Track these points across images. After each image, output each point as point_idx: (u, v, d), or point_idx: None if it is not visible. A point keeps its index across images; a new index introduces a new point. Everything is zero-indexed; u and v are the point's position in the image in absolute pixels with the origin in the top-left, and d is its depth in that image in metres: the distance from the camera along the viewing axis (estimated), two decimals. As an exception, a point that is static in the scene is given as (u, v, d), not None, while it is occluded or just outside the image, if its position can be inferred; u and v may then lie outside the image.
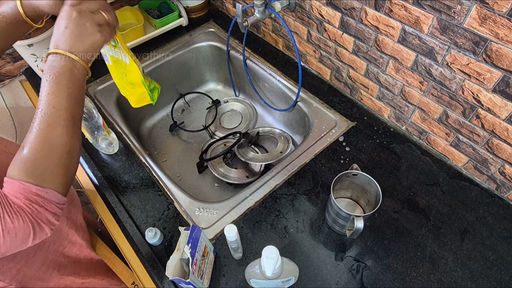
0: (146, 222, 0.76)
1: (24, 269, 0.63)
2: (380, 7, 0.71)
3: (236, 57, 1.13)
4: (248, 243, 0.72)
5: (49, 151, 0.48)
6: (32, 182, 0.47)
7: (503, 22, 0.55)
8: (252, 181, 0.95)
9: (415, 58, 0.72)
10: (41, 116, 0.49)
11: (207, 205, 0.78)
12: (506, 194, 0.75)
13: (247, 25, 0.85)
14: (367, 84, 0.89)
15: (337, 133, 0.89)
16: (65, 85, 0.50)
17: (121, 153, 0.90)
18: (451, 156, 0.81)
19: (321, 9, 0.85)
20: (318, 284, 0.66)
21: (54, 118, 0.49)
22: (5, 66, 1.11)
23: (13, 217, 0.45)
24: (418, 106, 0.80)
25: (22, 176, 0.46)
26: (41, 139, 0.48)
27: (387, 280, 0.66)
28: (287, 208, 0.76)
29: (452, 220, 0.73)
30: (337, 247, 0.71)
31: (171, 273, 0.54)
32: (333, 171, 0.82)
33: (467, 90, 0.67)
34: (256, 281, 0.61)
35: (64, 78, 0.50)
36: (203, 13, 1.28)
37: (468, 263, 0.67)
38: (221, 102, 1.23)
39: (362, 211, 0.77)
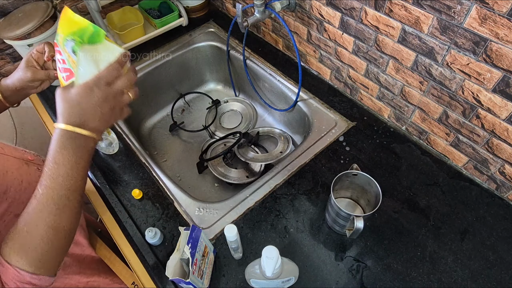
0: (146, 222, 0.76)
1: None
2: (380, 7, 0.71)
3: (236, 57, 1.13)
4: (248, 243, 0.72)
5: (53, 236, 0.46)
6: (28, 270, 0.45)
7: (503, 22, 0.55)
8: (252, 181, 0.95)
9: (415, 58, 0.72)
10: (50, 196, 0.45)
11: (207, 205, 0.78)
12: (506, 194, 0.75)
13: (247, 25, 0.85)
14: (367, 84, 0.89)
15: (337, 133, 0.89)
16: (83, 166, 0.47)
17: (121, 153, 0.90)
18: (451, 156, 0.81)
19: (321, 9, 0.85)
20: (318, 284, 0.66)
21: (66, 201, 0.46)
22: (5, 66, 1.11)
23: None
24: (418, 106, 0.80)
25: (17, 262, 0.45)
26: (47, 222, 0.45)
27: (387, 280, 0.66)
28: (287, 208, 0.76)
29: (452, 220, 0.73)
30: (337, 247, 0.71)
31: (171, 273, 0.54)
32: (333, 171, 0.82)
33: (467, 90, 0.67)
34: (256, 281, 0.61)
35: (84, 159, 0.47)
36: (203, 13, 1.28)
37: (468, 263, 0.67)
38: (221, 102, 1.23)
39: (362, 211, 0.77)
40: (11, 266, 0.44)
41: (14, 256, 0.45)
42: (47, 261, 0.47)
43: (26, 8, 0.97)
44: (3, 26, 0.93)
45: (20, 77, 0.60)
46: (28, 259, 0.45)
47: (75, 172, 0.46)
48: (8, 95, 0.60)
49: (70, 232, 0.49)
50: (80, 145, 0.46)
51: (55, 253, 0.48)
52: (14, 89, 0.61)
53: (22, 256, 0.45)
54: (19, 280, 0.45)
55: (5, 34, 0.91)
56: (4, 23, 0.94)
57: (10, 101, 0.62)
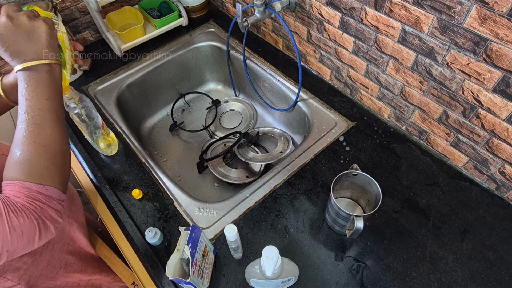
0: (146, 222, 0.76)
1: (31, 268, 0.64)
2: (380, 7, 0.71)
3: (236, 57, 1.13)
4: (248, 243, 0.72)
5: (43, 151, 0.49)
6: (32, 181, 0.47)
7: (503, 22, 0.55)
8: (252, 181, 0.95)
9: (415, 58, 0.72)
10: (27, 118, 0.49)
11: (207, 205, 0.78)
12: (506, 194, 0.75)
13: (247, 25, 0.85)
14: (367, 84, 0.89)
15: (337, 133, 0.89)
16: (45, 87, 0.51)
17: (121, 153, 0.90)
18: (451, 156, 0.81)
19: (321, 9, 0.85)
20: (318, 284, 0.66)
21: (41, 119, 0.50)
22: (5, 66, 1.11)
23: (18, 215, 0.45)
24: (418, 106, 0.80)
25: (20, 176, 0.47)
26: (33, 140, 0.49)
27: (387, 280, 0.66)
28: (287, 208, 0.76)
29: (452, 220, 0.73)
30: (337, 247, 0.71)
31: (171, 273, 0.54)
32: (333, 171, 0.82)
33: (467, 90, 0.67)
34: (256, 281, 0.61)
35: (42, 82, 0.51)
36: (203, 13, 1.28)
37: (468, 263, 0.67)
38: (221, 102, 1.23)
39: (362, 211, 0.77)
40: (15, 181, 0.47)
41: (15, 173, 0.48)
42: (48, 174, 0.49)
43: (26, 8, 0.97)
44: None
45: None
46: (29, 173, 0.48)
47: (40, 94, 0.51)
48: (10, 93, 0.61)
49: (62, 150, 0.52)
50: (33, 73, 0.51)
51: (54, 168, 0.50)
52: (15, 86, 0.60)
53: (23, 172, 0.48)
54: (26, 190, 0.47)
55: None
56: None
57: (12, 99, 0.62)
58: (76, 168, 0.89)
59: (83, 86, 1.05)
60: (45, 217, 0.48)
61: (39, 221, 0.47)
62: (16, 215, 0.45)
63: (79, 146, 0.90)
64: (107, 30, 1.10)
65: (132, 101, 1.11)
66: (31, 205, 0.47)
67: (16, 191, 0.47)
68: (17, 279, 0.62)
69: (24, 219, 0.45)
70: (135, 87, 1.09)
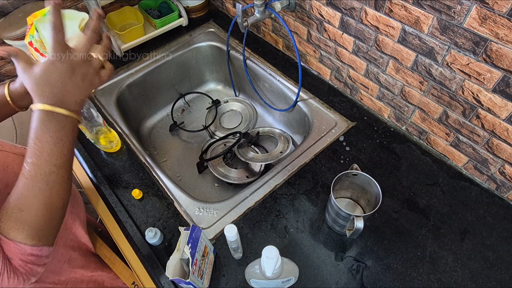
0: (146, 222, 0.76)
1: None
2: (380, 7, 0.71)
3: (236, 57, 1.13)
4: (248, 243, 0.72)
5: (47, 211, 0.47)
6: (28, 243, 0.46)
7: (503, 22, 0.55)
8: (252, 181, 0.95)
9: (415, 58, 0.72)
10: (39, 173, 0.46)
11: (207, 205, 0.78)
12: (506, 194, 0.75)
13: (247, 25, 0.85)
14: (367, 84, 0.89)
15: (337, 133, 0.89)
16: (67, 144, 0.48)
17: (121, 153, 0.90)
18: (451, 156, 0.81)
19: (321, 9, 0.85)
20: (318, 284, 0.66)
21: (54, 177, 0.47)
22: (5, 66, 1.11)
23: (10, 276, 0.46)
24: (418, 106, 0.80)
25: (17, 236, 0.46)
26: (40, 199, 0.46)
27: (387, 280, 0.66)
28: (287, 208, 0.76)
29: (452, 220, 0.73)
30: (337, 247, 0.71)
31: (171, 273, 0.54)
32: (333, 171, 0.82)
33: (467, 90, 0.67)
34: (256, 281, 0.61)
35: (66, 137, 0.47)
36: (203, 13, 1.28)
37: (468, 263, 0.67)
38: (221, 102, 1.23)
39: (362, 211, 0.77)
40: (11, 241, 0.45)
41: (12, 232, 0.46)
42: (44, 234, 0.48)
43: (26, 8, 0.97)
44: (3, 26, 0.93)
45: None
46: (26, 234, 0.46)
47: (59, 149, 0.46)
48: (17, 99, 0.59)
49: (63, 206, 0.50)
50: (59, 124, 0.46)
51: (50, 227, 0.49)
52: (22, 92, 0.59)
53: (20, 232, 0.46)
54: (21, 253, 0.46)
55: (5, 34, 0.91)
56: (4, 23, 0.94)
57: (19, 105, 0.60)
58: (76, 168, 0.89)
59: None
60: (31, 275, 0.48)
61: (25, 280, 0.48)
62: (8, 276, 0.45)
63: (79, 146, 0.90)
64: (107, 30, 1.10)
65: (132, 101, 1.11)
66: (23, 268, 0.47)
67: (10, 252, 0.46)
68: None
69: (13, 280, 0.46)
70: (135, 87, 1.09)
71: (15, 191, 0.47)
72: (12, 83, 0.59)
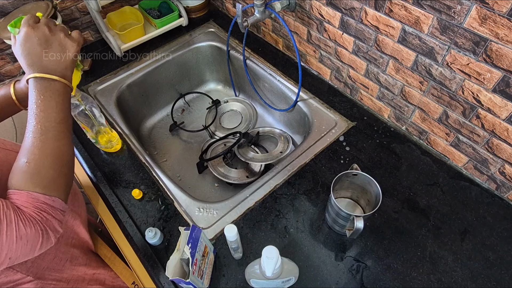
0: (146, 222, 0.76)
1: (38, 261, 0.65)
2: (380, 7, 0.71)
3: (236, 57, 1.13)
4: (248, 243, 0.72)
5: (52, 162, 0.51)
6: (39, 191, 0.49)
7: (503, 22, 0.55)
8: (252, 181, 0.95)
9: (415, 58, 0.72)
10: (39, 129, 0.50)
11: (207, 205, 0.78)
12: (506, 194, 0.75)
13: (247, 25, 0.85)
14: (367, 84, 0.89)
15: (337, 133, 0.89)
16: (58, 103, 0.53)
17: (121, 153, 0.90)
18: (451, 156, 0.81)
19: (321, 9, 0.85)
20: (318, 284, 0.66)
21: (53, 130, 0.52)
22: (5, 66, 1.11)
23: (26, 224, 0.46)
24: (418, 106, 0.80)
25: (29, 186, 0.48)
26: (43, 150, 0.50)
27: (387, 280, 0.66)
28: (287, 208, 0.76)
29: (452, 220, 0.73)
30: (337, 247, 0.71)
31: (171, 273, 0.54)
32: (333, 171, 0.82)
33: (467, 90, 0.67)
34: (256, 281, 0.61)
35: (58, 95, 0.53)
36: (203, 13, 1.28)
37: (468, 263, 0.67)
38: (221, 102, 1.23)
39: (362, 211, 0.77)
40: (24, 191, 0.48)
41: (23, 183, 0.48)
42: (55, 185, 0.51)
43: (26, 8, 0.97)
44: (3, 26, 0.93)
45: None
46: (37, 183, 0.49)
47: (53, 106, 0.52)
48: (23, 99, 0.61)
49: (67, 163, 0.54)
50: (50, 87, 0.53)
51: (59, 179, 0.52)
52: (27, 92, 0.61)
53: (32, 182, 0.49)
54: (34, 201, 0.48)
55: (5, 34, 0.91)
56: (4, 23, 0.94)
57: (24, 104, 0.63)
58: (76, 168, 0.89)
59: (83, 86, 1.05)
60: (49, 228, 0.49)
61: (43, 231, 0.48)
62: (24, 225, 0.46)
63: (79, 146, 0.90)
64: (107, 30, 1.10)
65: (132, 101, 1.11)
66: (38, 215, 0.48)
67: (24, 201, 0.48)
68: (25, 271, 0.63)
69: (31, 229, 0.47)
70: (135, 87, 1.09)
71: (21, 150, 0.51)
72: (17, 82, 0.61)
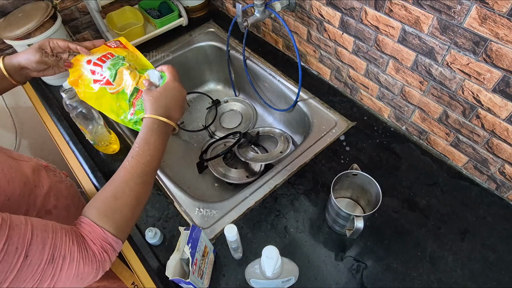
0: (146, 222, 0.76)
1: None
2: (380, 7, 0.71)
3: (236, 57, 1.13)
4: (248, 243, 0.72)
5: (135, 206, 0.52)
6: (112, 232, 0.49)
7: (503, 22, 0.55)
8: (252, 181, 0.95)
9: (415, 58, 0.72)
10: (140, 171, 0.52)
11: (207, 205, 0.78)
12: (506, 194, 0.75)
13: (247, 25, 0.85)
14: (367, 84, 0.89)
15: (337, 133, 0.89)
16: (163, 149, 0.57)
17: (121, 153, 0.90)
18: (451, 156, 0.81)
19: (321, 9, 0.85)
20: (318, 284, 0.66)
21: (150, 177, 0.54)
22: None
23: (86, 263, 0.46)
24: (418, 106, 0.80)
25: (105, 223, 0.49)
26: (134, 194, 0.52)
27: (387, 280, 0.66)
28: (287, 208, 0.76)
29: (452, 220, 0.73)
30: (337, 247, 0.71)
31: (171, 273, 0.54)
32: (333, 171, 0.82)
33: (467, 90, 0.67)
34: (256, 281, 0.61)
35: (164, 143, 0.57)
36: (203, 13, 1.28)
37: (468, 263, 0.67)
38: (221, 102, 1.23)
39: (362, 211, 0.77)
40: (98, 227, 0.48)
41: (102, 218, 0.49)
42: (126, 227, 0.52)
43: (26, 8, 0.97)
44: (3, 26, 0.93)
45: (28, 57, 0.63)
46: (113, 223, 0.49)
47: (157, 153, 0.55)
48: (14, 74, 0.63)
49: (144, 206, 0.55)
50: (163, 131, 0.57)
51: (132, 222, 0.53)
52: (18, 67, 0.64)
53: (110, 219, 0.49)
54: (104, 240, 0.48)
55: (5, 34, 0.91)
56: (4, 23, 0.94)
57: (16, 79, 0.64)
58: (76, 168, 0.89)
59: (83, 86, 1.05)
60: (102, 268, 0.49)
61: (97, 270, 0.48)
62: (84, 263, 0.46)
63: (79, 146, 0.90)
64: (107, 30, 1.10)
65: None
66: (100, 255, 0.48)
67: (95, 237, 0.48)
68: None
69: (89, 267, 0.46)
70: (135, 87, 1.09)
71: (112, 181, 0.52)
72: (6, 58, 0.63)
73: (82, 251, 0.46)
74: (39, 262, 0.41)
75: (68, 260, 0.44)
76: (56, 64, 0.66)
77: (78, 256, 0.45)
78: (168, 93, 0.59)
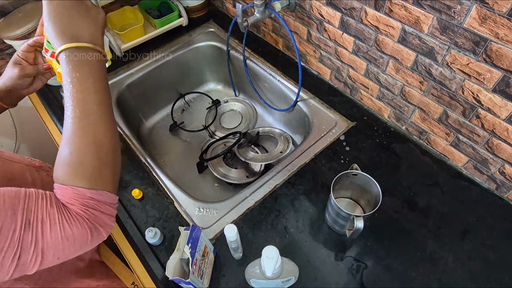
0: (146, 222, 0.76)
1: (45, 274, 0.65)
2: (380, 7, 0.71)
3: (236, 57, 1.13)
4: (248, 243, 0.72)
5: (95, 150, 0.46)
6: (84, 185, 0.45)
7: (503, 22, 0.55)
8: (252, 181, 0.95)
9: (415, 58, 0.72)
10: (79, 114, 0.46)
11: (207, 205, 0.78)
12: (506, 194, 0.75)
13: (247, 25, 0.85)
14: (367, 84, 0.89)
15: (337, 133, 0.89)
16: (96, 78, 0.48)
17: (121, 152, 0.90)
18: (451, 156, 0.81)
19: (321, 9, 0.85)
20: (318, 284, 0.66)
21: (95, 115, 0.47)
22: (5, 66, 1.11)
23: (71, 224, 0.44)
24: (418, 106, 0.80)
25: (73, 180, 0.45)
26: (86, 139, 0.46)
27: (387, 280, 0.66)
28: (287, 208, 0.76)
29: (452, 220, 0.73)
30: (337, 247, 0.71)
31: (171, 273, 0.54)
32: (333, 171, 0.82)
33: (467, 90, 0.67)
34: (256, 281, 0.61)
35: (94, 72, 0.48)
36: (203, 13, 1.28)
37: (468, 263, 0.67)
38: (221, 102, 1.23)
39: (362, 211, 0.77)
40: (67, 187, 0.45)
41: (67, 177, 0.45)
42: (101, 176, 0.47)
43: (26, 8, 0.97)
44: (3, 26, 0.93)
45: (9, 75, 0.60)
46: (81, 176, 0.45)
47: (91, 86, 0.47)
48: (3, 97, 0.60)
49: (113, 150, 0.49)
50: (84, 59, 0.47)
51: (104, 169, 0.48)
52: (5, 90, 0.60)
53: (76, 175, 0.45)
54: (80, 197, 0.45)
55: (5, 34, 0.91)
56: (4, 23, 0.94)
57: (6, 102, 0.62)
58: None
59: (83, 86, 1.05)
60: (98, 224, 0.47)
61: (92, 228, 0.46)
62: (70, 224, 0.44)
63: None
64: (107, 30, 1.10)
65: (132, 101, 1.11)
66: (85, 213, 0.45)
67: (69, 197, 0.45)
68: (33, 284, 0.63)
69: (77, 228, 0.44)
70: (135, 87, 1.09)
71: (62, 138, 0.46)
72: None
73: (63, 213, 0.44)
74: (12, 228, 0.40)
75: (48, 223, 0.42)
76: (37, 71, 0.62)
77: (60, 218, 0.43)
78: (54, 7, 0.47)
